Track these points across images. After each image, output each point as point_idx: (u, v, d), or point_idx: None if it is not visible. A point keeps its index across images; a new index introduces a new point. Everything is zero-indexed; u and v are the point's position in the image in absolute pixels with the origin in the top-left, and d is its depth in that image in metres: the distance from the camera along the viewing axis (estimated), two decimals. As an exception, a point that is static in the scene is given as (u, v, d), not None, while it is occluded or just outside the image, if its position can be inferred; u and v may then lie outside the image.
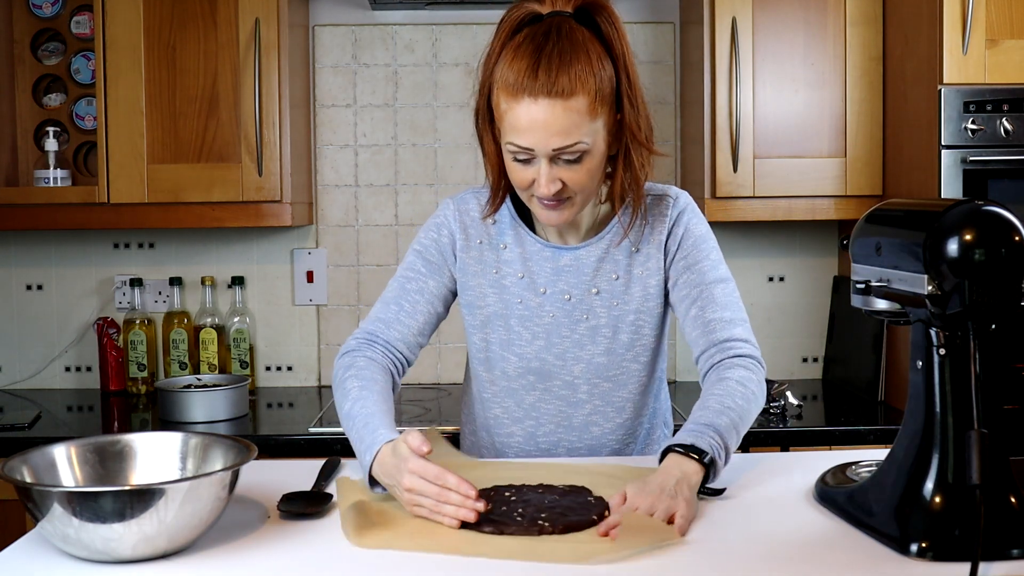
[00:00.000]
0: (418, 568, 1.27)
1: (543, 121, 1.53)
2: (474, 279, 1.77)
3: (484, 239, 1.77)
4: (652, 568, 1.26)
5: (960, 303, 1.25)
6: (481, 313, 1.77)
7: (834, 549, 1.31)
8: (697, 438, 1.51)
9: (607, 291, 1.74)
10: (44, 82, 2.93)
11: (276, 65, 2.67)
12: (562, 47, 1.53)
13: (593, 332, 1.74)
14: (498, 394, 1.80)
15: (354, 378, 1.67)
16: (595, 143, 1.58)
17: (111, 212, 2.70)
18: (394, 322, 1.76)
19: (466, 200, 1.79)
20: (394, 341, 1.76)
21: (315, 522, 1.44)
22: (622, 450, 1.80)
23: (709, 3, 2.68)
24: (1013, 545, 1.25)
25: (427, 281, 1.77)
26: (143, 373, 2.94)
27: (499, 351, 1.77)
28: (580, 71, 1.53)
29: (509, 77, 1.55)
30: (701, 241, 1.73)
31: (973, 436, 1.23)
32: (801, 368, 3.09)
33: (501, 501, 1.45)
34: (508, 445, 1.81)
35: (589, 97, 1.54)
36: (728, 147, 2.67)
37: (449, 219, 1.78)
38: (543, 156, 1.57)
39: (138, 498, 1.25)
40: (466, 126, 3.02)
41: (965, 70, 2.38)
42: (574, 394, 1.77)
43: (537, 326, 1.75)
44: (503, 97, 1.57)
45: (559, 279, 1.74)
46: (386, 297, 1.79)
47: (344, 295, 3.05)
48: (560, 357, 1.75)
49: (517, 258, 1.75)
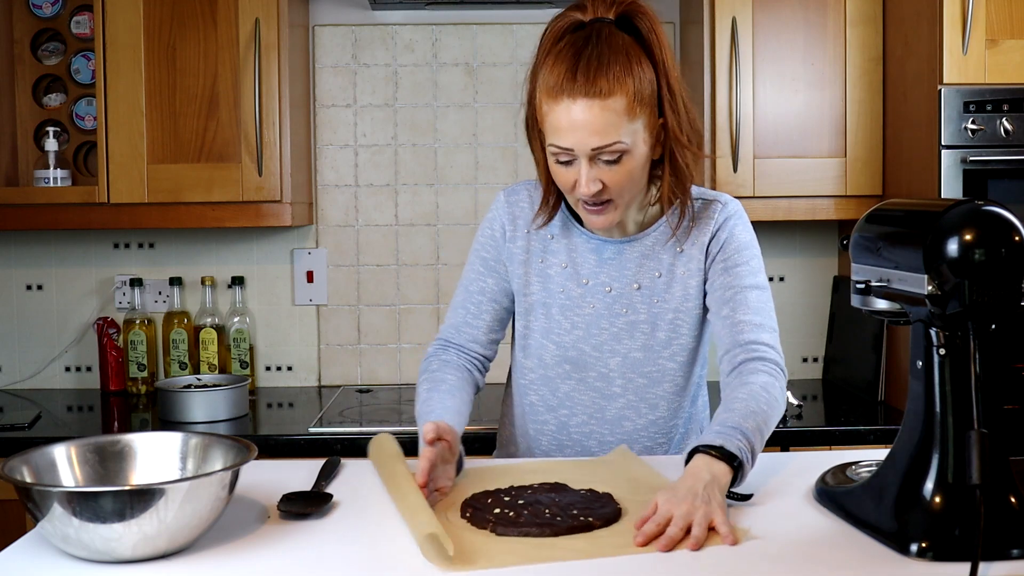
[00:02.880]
0: (418, 568, 1.27)
1: (582, 121, 1.58)
2: (521, 267, 1.81)
3: (532, 228, 1.81)
4: (652, 568, 1.26)
5: (960, 303, 1.25)
6: (525, 300, 1.81)
7: (834, 549, 1.31)
8: (726, 440, 1.48)
9: (648, 287, 1.76)
10: (44, 82, 2.93)
11: (276, 65, 2.67)
12: (600, 50, 1.58)
13: (632, 327, 1.77)
14: (535, 381, 1.83)
15: (425, 382, 1.78)
16: (634, 144, 1.61)
17: (111, 212, 2.70)
18: (463, 325, 1.85)
19: (517, 191, 1.84)
20: (466, 344, 1.84)
21: (315, 522, 1.44)
22: (653, 449, 1.81)
23: (709, 3, 2.68)
24: (1013, 545, 1.25)
25: (487, 280, 1.84)
26: (143, 373, 2.94)
27: (539, 338, 1.80)
28: (618, 72, 1.57)
29: (550, 81, 1.60)
30: (744, 247, 1.75)
31: (973, 436, 1.23)
32: (801, 368, 3.09)
33: (527, 503, 1.45)
34: (541, 433, 1.84)
35: (627, 98, 1.58)
36: (728, 147, 2.67)
37: (500, 212, 1.83)
38: (583, 156, 1.61)
39: (138, 498, 1.25)
40: (466, 126, 3.02)
41: (965, 70, 2.38)
42: (609, 387, 1.79)
43: (577, 316, 1.78)
44: (544, 101, 1.62)
45: (602, 271, 1.77)
46: (454, 302, 1.87)
47: (344, 295, 3.05)
48: (597, 348, 1.78)
49: (563, 248, 1.79)
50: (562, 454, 1.83)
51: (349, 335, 3.05)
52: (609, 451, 1.79)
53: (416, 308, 3.05)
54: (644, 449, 1.81)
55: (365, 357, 3.06)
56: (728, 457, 1.46)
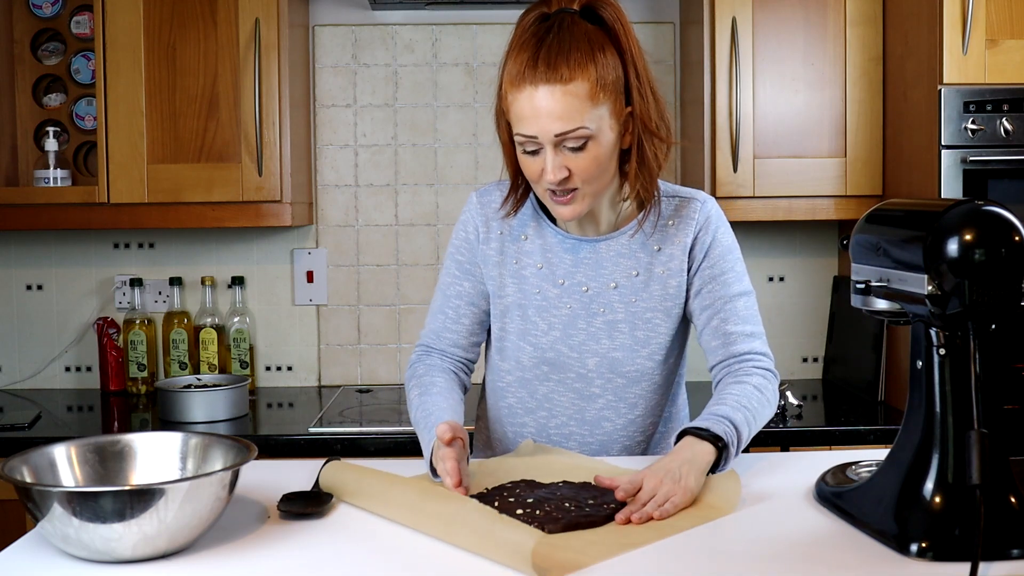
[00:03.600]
0: (418, 567, 1.27)
1: (544, 108, 1.58)
2: (495, 269, 1.80)
3: (505, 230, 1.80)
4: (652, 568, 1.26)
5: (960, 303, 1.25)
6: (500, 303, 1.80)
7: (834, 549, 1.31)
8: (713, 424, 1.58)
9: (626, 286, 1.76)
10: (44, 82, 2.93)
11: (276, 65, 2.67)
12: (562, 37, 1.59)
13: (610, 327, 1.76)
14: (512, 384, 1.82)
15: (415, 387, 1.78)
16: (599, 130, 1.61)
17: (111, 212, 2.70)
18: (443, 331, 1.85)
19: (489, 192, 1.83)
20: (448, 348, 1.84)
21: (315, 522, 1.44)
22: (633, 448, 1.81)
23: (709, 3, 2.68)
24: (1013, 545, 1.25)
25: (463, 283, 1.83)
26: (143, 373, 2.94)
27: (515, 340, 1.80)
28: (579, 58, 1.58)
29: (513, 70, 1.61)
30: (727, 252, 1.77)
31: (973, 436, 1.23)
32: (801, 368, 3.09)
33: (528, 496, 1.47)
34: (520, 435, 1.83)
35: (589, 83, 1.58)
36: (728, 147, 2.67)
37: (473, 214, 1.82)
38: (547, 143, 1.61)
39: (138, 498, 1.25)
40: (466, 126, 3.02)
41: (965, 70, 2.38)
42: (588, 387, 1.78)
43: (554, 317, 1.77)
44: (508, 90, 1.62)
45: (577, 271, 1.77)
46: (432, 307, 1.87)
47: (344, 295, 3.05)
48: (575, 349, 1.77)
49: (537, 249, 1.78)
50: None
51: (349, 335, 3.06)
52: (588, 451, 1.80)
53: (416, 308, 3.05)
54: (623, 448, 1.80)
55: (365, 357, 3.06)
56: (713, 438, 1.54)
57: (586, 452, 1.79)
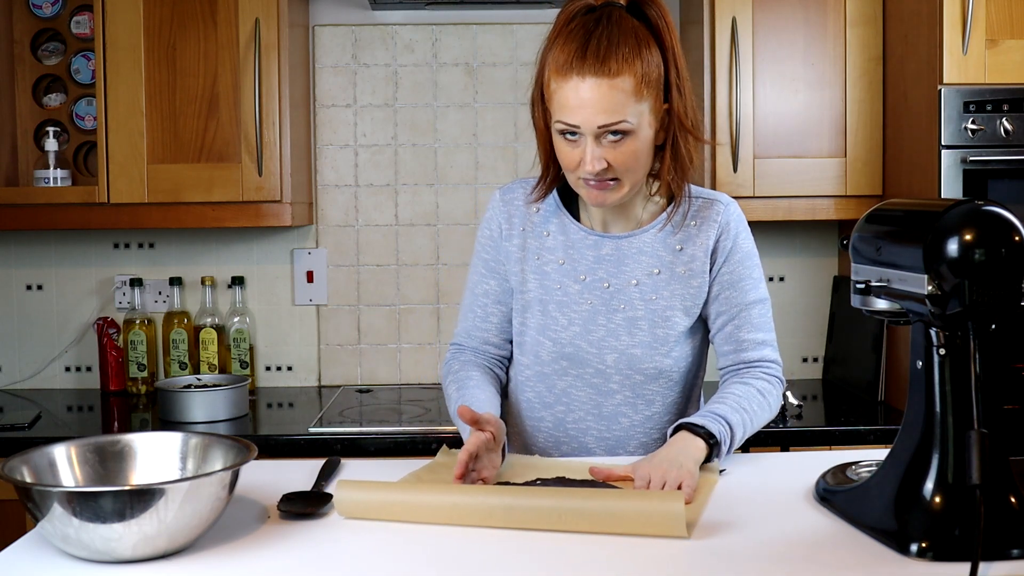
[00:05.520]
0: (418, 567, 1.27)
1: (590, 99, 1.61)
2: (517, 264, 1.82)
3: (528, 226, 1.83)
4: (653, 568, 1.26)
5: (960, 303, 1.25)
6: (522, 298, 1.83)
7: (834, 549, 1.31)
8: (708, 422, 1.63)
9: (647, 284, 1.77)
10: (44, 82, 2.93)
11: (276, 65, 2.67)
12: (611, 32, 1.62)
13: (629, 323, 1.77)
14: (531, 378, 1.84)
15: (452, 383, 1.82)
16: (640, 125, 1.64)
17: (111, 212, 2.70)
18: (473, 329, 1.88)
19: (512, 189, 1.86)
20: (479, 345, 1.88)
21: (315, 522, 1.44)
22: (650, 445, 1.82)
23: (709, 3, 2.68)
24: (1013, 545, 1.25)
25: (489, 282, 1.86)
26: (143, 373, 2.94)
27: (535, 335, 1.81)
28: (627, 54, 1.61)
29: (560, 59, 1.64)
30: (747, 258, 1.80)
31: (973, 436, 1.23)
32: (801, 368, 3.09)
33: None
34: (538, 430, 1.85)
35: (635, 78, 1.61)
36: (728, 147, 2.67)
37: (496, 211, 1.85)
38: (589, 134, 1.63)
39: (138, 498, 1.25)
40: (466, 126, 3.02)
41: (965, 70, 2.38)
42: (606, 383, 1.79)
43: (574, 312, 1.79)
44: (553, 78, 1.65)
45: (599, 267, 1.79)
46: (463, 305, 1.91)
47: (344, 295, 3.05)
48: (595, 345, 1.78)
49: (559, 245, 1.80)
50: (559, 451, 1.83)
51: (349, 335, 3.06)
52: (606, 446, 1.81)
53: (416, 308, 3.05)
54: (640, 445, 1.81)
55: (365, 357, 3.06)
56: (706, 435, 1.61)
57: (603, 447, 1.82)
